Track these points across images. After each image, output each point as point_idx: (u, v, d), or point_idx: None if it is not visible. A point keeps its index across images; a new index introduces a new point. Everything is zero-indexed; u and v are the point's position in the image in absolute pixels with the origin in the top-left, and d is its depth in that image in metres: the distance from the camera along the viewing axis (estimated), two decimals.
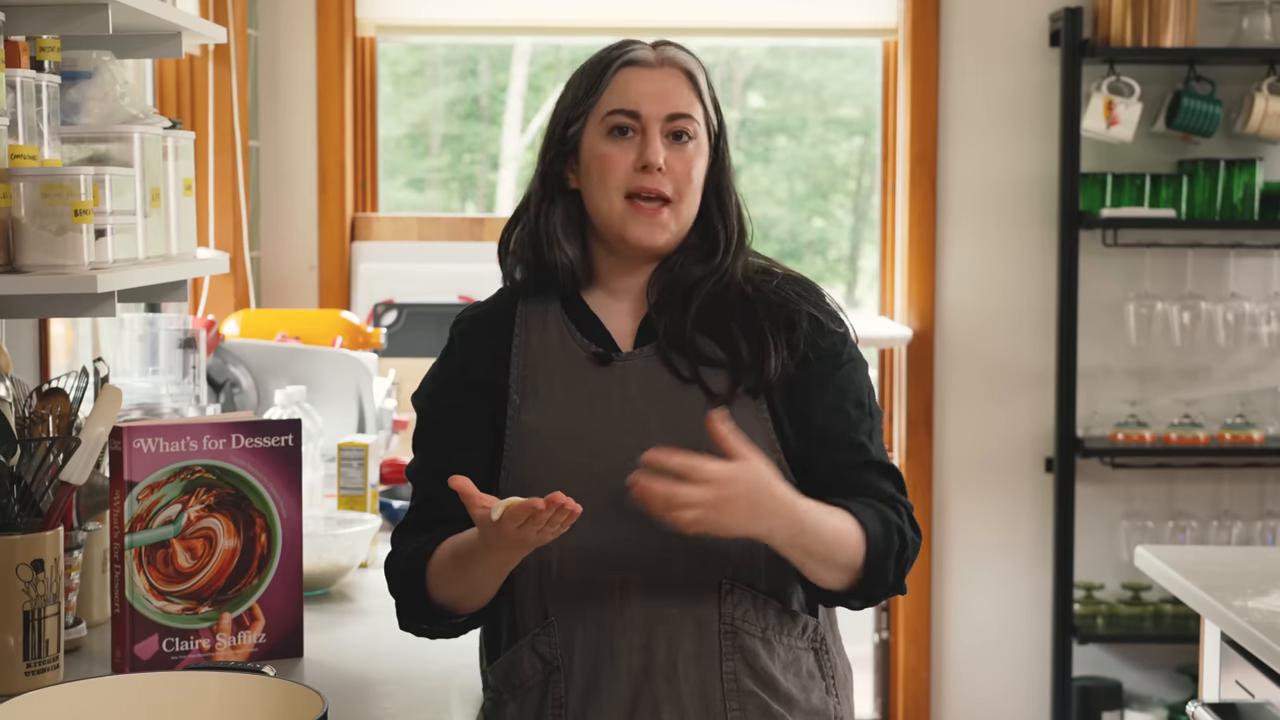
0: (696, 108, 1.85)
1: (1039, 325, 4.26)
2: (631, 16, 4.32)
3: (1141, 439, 4.19)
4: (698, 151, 1.85)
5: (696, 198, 1.86)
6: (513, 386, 1.86)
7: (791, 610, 1.84)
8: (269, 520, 2.03)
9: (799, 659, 1.84)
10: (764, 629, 1.82)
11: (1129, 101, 4.10)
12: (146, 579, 1.97)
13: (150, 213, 2.12)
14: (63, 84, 2.04)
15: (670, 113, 1.83)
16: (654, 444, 1.72)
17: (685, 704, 1.79)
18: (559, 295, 1.89)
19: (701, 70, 1.89)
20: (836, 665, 1.89)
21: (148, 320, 2.93)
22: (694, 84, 1.86)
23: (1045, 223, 4.25)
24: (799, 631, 1.84)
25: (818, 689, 1.85)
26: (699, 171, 1.85)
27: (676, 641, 1.79)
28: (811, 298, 1.89)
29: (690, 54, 1.89)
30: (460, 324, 1.93)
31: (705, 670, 1.79)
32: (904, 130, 4.27)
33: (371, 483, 2.77)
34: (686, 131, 1.84)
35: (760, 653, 1.81)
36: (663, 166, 1.82)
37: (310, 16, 4.18)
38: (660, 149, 1.82)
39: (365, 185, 4.35)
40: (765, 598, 1.82)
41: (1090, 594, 4.27)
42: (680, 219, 1.85)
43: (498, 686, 1.88)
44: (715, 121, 1.89)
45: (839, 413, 1.84)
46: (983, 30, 4.24)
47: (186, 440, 1.98)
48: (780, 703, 1.81)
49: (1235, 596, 2.43)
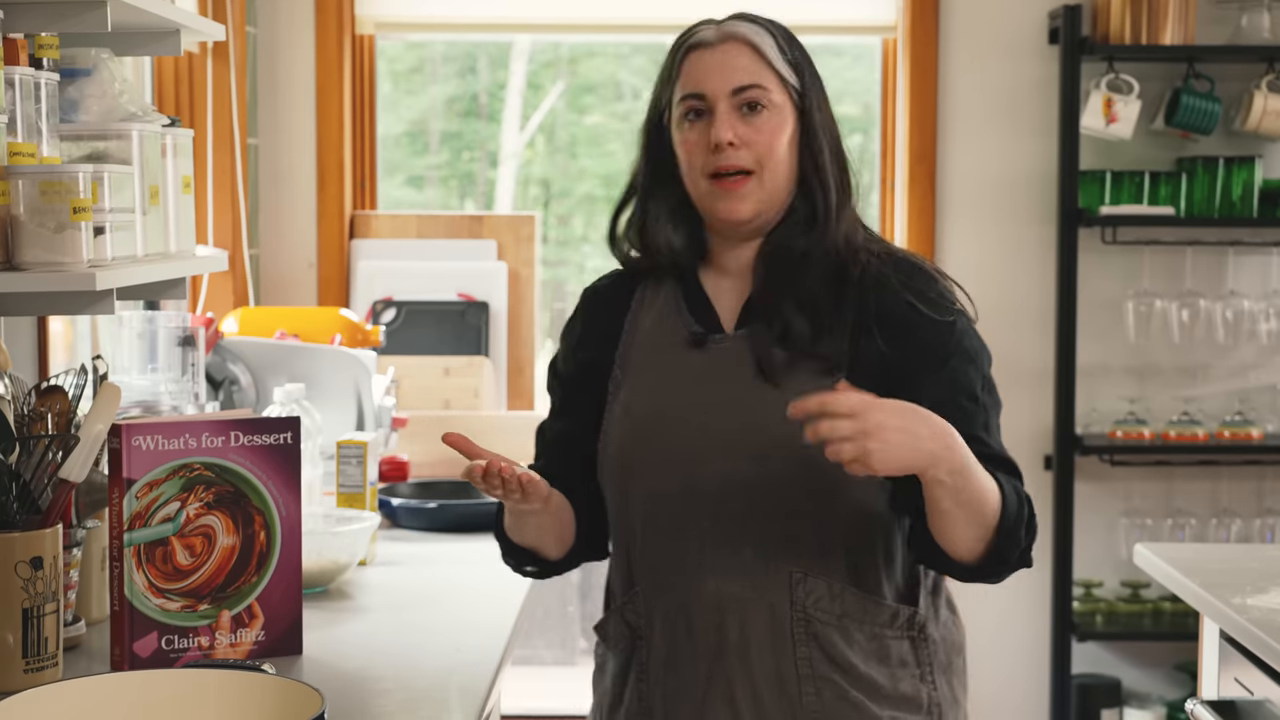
0: (767, 75, 1.84)
1: (1038, 323, 4.26)
2: (630, 14, 4.32)
3: (1140, 436, 4.19)
4: (776, 118, 1.84)
5: (782, 166, 1.84)
6: (617, 362, 1.92)
7: (877, 598, 1.83)
8: (268, 518, 2.03)
9: (887, 647, 1.83)
10: (839, 616, 1.81)
11: (1128, 99, 4.10)
12: (145, 576, 1.96)
13: (149, 210, 2.12)
14: (61, 81, 2.04)
15: (734, 86, 1.83)
16: (728, 429, 1.78)
17: (759, 685, 1.81)
18: (678, 276, 1.93)
19: (771, 36, 1.86)
20: (938, 652, 1.87)
21: (147, 318, 2.93)
22: (759, 53, 1.84)
23: (1044, 220, 4.25)
24: (885, 620, 1.83)
25: (909, 677, 1.85)
26: (781, 138, 1.84)
27: (749, 625, 1.81)
28: (916, 283, 1.86)
29: (758, 22, 1.88)
30: (585, 296, 2.00)
31: (780, 655, 1.81)
32: (903, 128, 4.27)
33: (370, 480, 2.76)
34: (759, 101, 1.83)
35: (836, 640, 1.81)
36: (734, 141, 1.82)
37: (309, 14, 4.18)
38: (729, 125, 1.82)
39: (364, 183, 4.35)
40: (843, 585, 1.81)
41: (1089, 591, 4.27)
42: (766, 188, 1.84)
43: (600, 644, 1.98)
44: (798, 84, 1.86)
45: (951, 406, 1.76)
46: (982, 28, 4.24)
47: (185, 438, 1.98)
48: (860, 688, 1.81)
49: (1234, 594, 2.43)
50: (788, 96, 1.85)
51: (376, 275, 4.12)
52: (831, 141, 1.88)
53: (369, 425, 3.27)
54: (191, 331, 2.93)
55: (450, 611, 2.32)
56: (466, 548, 2.74)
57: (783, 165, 1.85)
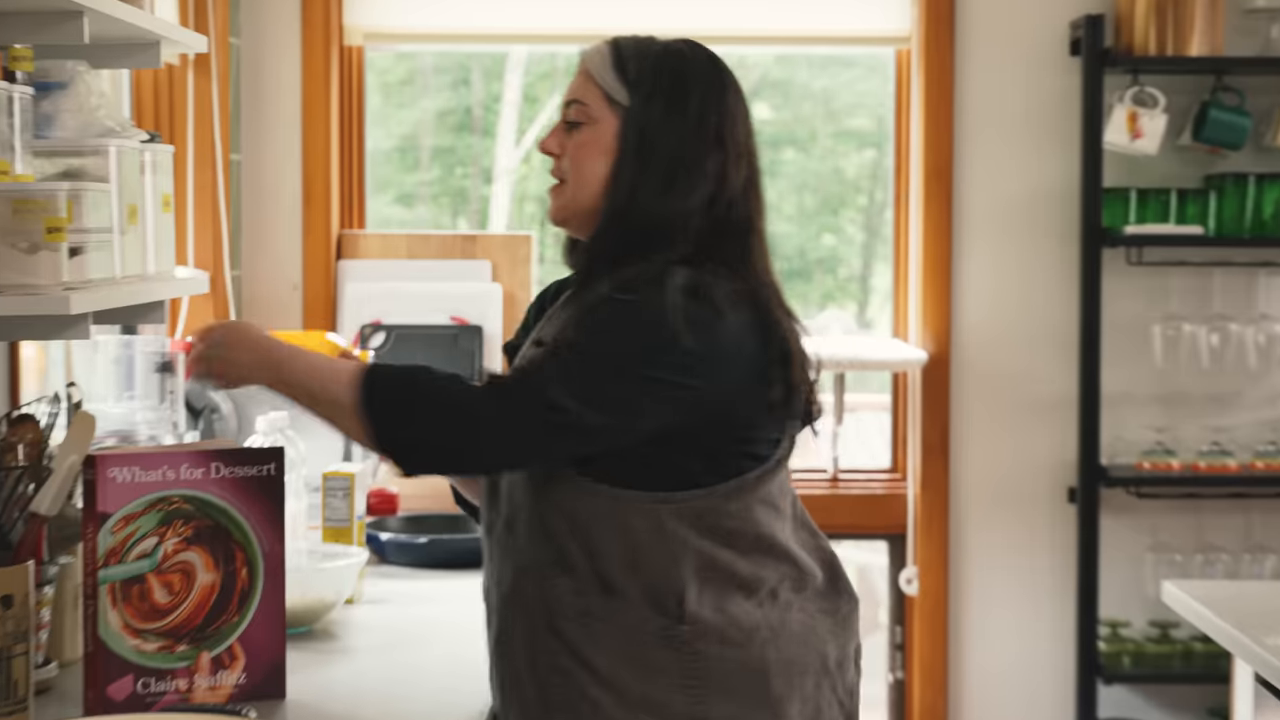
0: (590, 93, 2.00)
1: (1060, 348, 4.26)
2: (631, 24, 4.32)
3: (1169, 468, 4.18)
4: (590, 134, 2.00)
5: (590, 182, 2.00)
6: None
7: (621, 599, 1.92)
8: (250, 554, 2.03)
9: (642, 651, 1.92)
10: (582, 614, 1.94)
11: (1153, 113, 4.10)
12: (121, 616, 1.96)
13: (127, 230, 2.12)
14: (36, 95, 2.04)
15: (564, 101, 2.04)
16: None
17: (522, 675, 1.97)
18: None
19: (614, 55, 2.02)
20: (717, 668, 1.93)
21: (123, 343, 2.93)
22: (588, 73, 2.02)
23: (1066, 240, 4.26)
24: (633, 623, 1.92)
25: (666, 685, 1.92)
26: (592, 155, 1.99)
27: (511, 619, 1.99)
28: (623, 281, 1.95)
29: (611, 44, 2.04)
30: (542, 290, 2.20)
31: (533, 648, 1.96)
32: (918, 142, 4.28)
33: (358, 514, 2.76)
34: (577, 119, 2.01)
35: (580, 638, 1.93)
36: (555, 151, 2.03)
37: (295, 24, 4.19)
38: (554, 136, 2.03)
39: (352, 200, 4.36)
40: (587, 584, 1.93)
41: (1115, 631, 4.26)
42: (569, 199, 2.01)
43: None
44: (627, 101, 1.99)
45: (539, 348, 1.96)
46: (1000, 38, 4.25)
47: (163, 469, 1.98)
48: (600, 687, 1.93)
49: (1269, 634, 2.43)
50: (612, 113, 2.00)
51: (365, 298, 4.13)
52: (674, 154, 1.98)
53: (356, 456, 3.27)
54: (170, 357, 2.94)
55: (442, 652, 2.32)
56: (458, 585, 2.74)
57: (590, 180, 2.00)
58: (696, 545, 1.93)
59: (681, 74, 2.01)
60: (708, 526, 1.93)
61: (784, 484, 2.00)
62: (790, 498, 2.02)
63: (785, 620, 1.97)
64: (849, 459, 4.46)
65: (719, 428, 1.94)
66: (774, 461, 1.97)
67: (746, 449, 1.96)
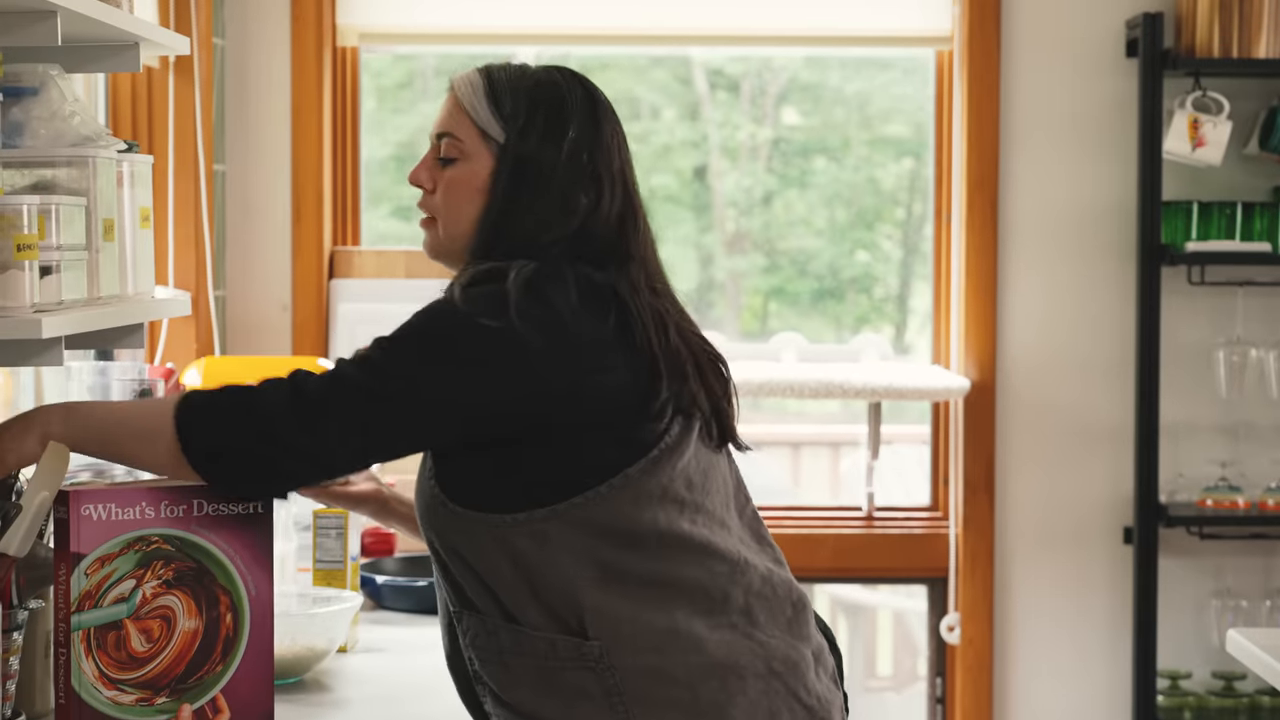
0: (463, 126, 2.06)
1: (1115, 375, 4.26)
2: (648, 22, 4.35)
3: (1234, 505, 4.18)
4: (463, 170, 2.06)
5: (462, 221, 2.07)
6: None
7: (528, 630, 1.98)
8: (235, 598, 2.03)
9: (561, 679, 1.98)
10: (498, 652, 2.00)
11: (1217, 120, 4.11)
12: (96, 665, 1.97)
13: (103, 247, 2.13)
14: (5, 102, 2.05)
15: (434, 134, 2.09)
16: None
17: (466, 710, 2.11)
18: None
19: (479, 89, 2.06)
20: (633, 682, 1.96)
21: (98, 369, 2.94)
22: (459, 104, 2.06)
23: (1122, 257, 4.26)
24: (543, 652, 1.98)
25: (592, 709, 1.97)
26: (465, 195, 2.06)
27: (449, 662, 2.11)
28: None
29: (483, 74, 2.07)
30: None
31: (465, 691, 2.09)
32: (960, 151, 4.29)
33: (352, 555, 2.77)
34: (449, 154, 2.07)
35: (500, 677, 2.01)
36: (425, 185, 2.09)
37: (284, 24, 4.21)
38: (425, 167, 2.09)
39: (345, 214, 4.37)
40: (497, 622, 1.99)
41: (1176, 683, 4.25)
42: (444, 238, 2.09)
43: None
44: (503, 136, 2.04)
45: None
46: (1050, 38, 4.26)
47: (142, 507, 1.98)
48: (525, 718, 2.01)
49: None
50: (486, 149, 2.05)
51: (359, 319, 4.14)
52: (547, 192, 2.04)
53: None
54: (149, 384, 2.94)
55: (442, 704, 2.32)
56: None
57: (461, 216, 2.07)
58: (592, 555, 1.97)
59: (557, 107, 2.06)
60: (599, 532, 1.96)
61: (691, 477, 2.01)
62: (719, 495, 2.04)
63: (710, 622, 1.99)
64: (885, 496, 4.46)
65: (568, 425, 1.96)
66: (658, 451, 1.98)
67: (618, 445, 1.98)
